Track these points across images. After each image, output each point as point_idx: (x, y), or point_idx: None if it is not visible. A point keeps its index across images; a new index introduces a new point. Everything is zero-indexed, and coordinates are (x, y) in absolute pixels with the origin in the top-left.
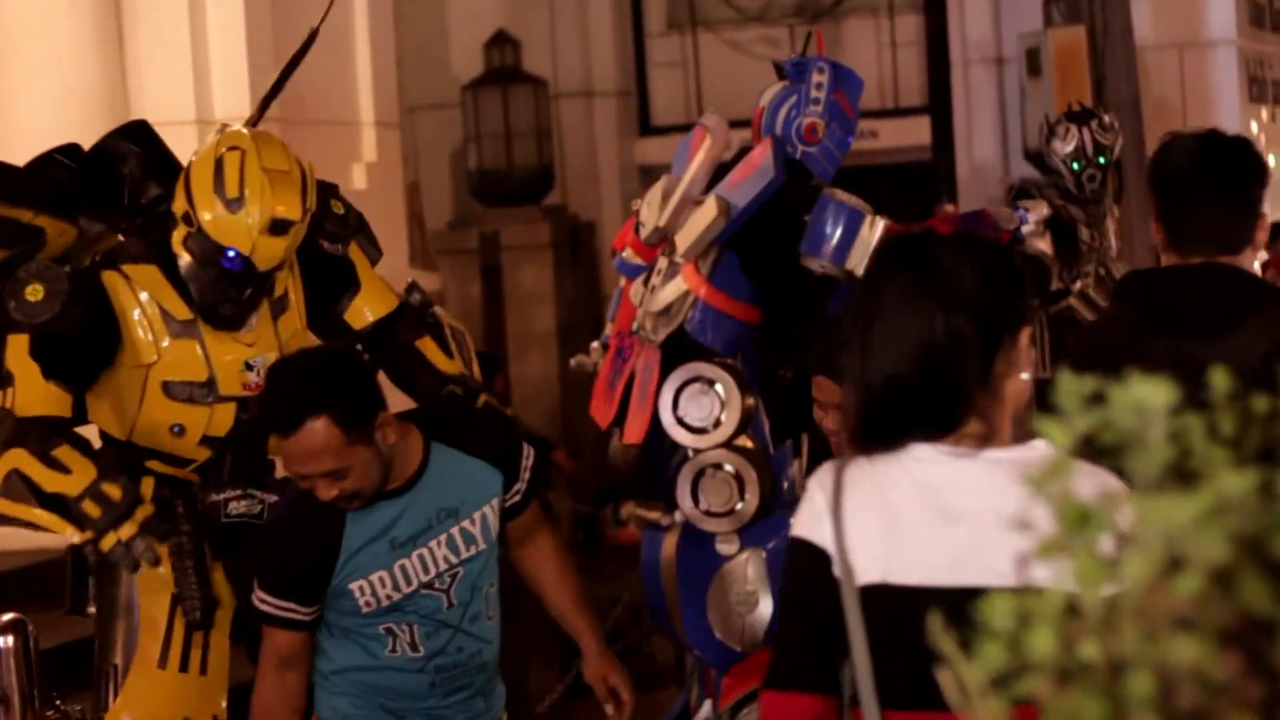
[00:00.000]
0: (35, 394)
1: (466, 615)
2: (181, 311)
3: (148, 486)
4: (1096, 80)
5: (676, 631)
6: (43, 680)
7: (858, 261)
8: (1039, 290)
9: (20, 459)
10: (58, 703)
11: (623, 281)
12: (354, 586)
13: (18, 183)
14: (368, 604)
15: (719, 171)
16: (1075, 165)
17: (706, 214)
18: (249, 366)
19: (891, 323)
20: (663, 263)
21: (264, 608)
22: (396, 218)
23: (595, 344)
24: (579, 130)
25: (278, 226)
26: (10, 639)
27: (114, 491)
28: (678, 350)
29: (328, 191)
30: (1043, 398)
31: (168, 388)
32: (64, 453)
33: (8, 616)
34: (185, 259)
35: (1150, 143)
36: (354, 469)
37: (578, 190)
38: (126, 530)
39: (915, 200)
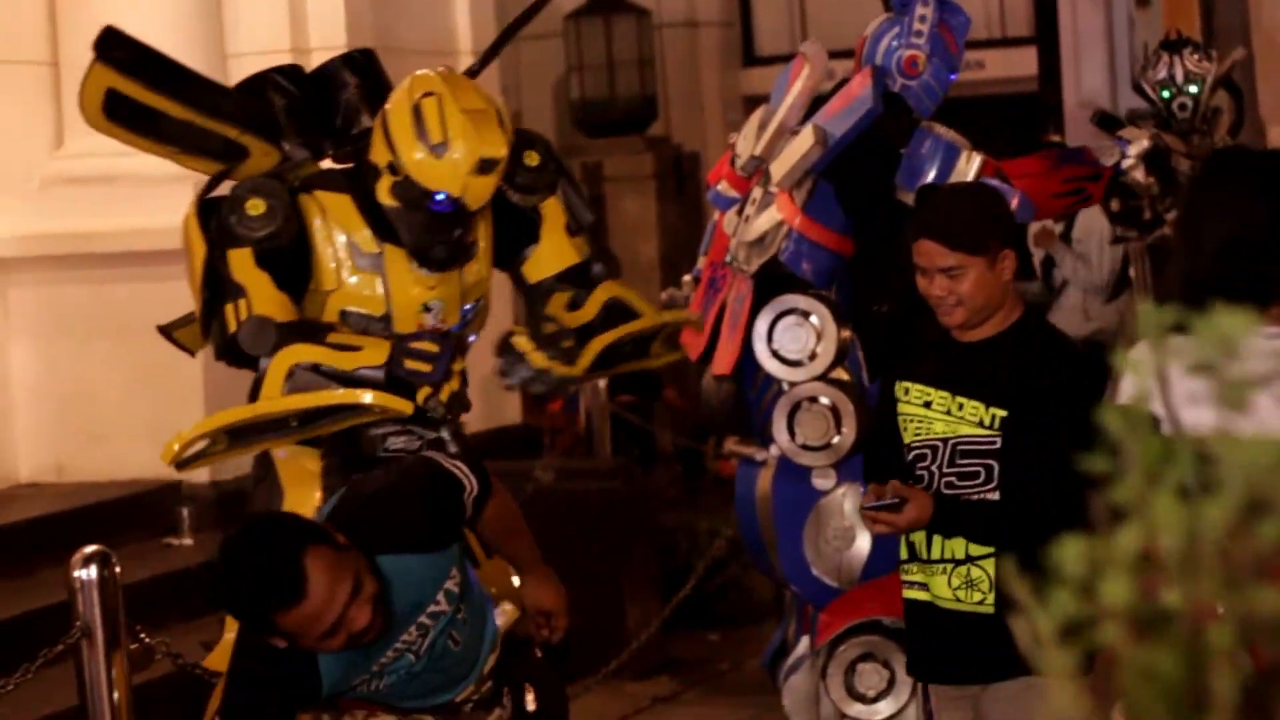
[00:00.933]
0: (273, 301)
1: (433, 653)
2: (369, 244)
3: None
4: (1205, 9)
5: (773, 567)
6: (127, 613)
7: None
8: (1134, 219)
9: (298, 353)
10: (142, 636)
11: (717, 214)
12: (337, 692)
13: (225, 99)
14: (350, 690)
15: (817, 102)
16: (1165, 93)
17: (803, 143)
18: (427, 308)
19: (1220, 214)
20: (757, 192)
21: None
22: None
23: (687, 277)
24: (682, 60)
25: (485, 166)
26: (93, 571)
27: (429, 346)
28: (770, 282)
29: (525, 142)
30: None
31: (345, 316)
32: (338, 337)
33: (90, 549)
34: (393, 205)
35: (1260, 72)
36: (361, 570)
37: (681, 121)
38: (453, 384)
39: (1021, 132)
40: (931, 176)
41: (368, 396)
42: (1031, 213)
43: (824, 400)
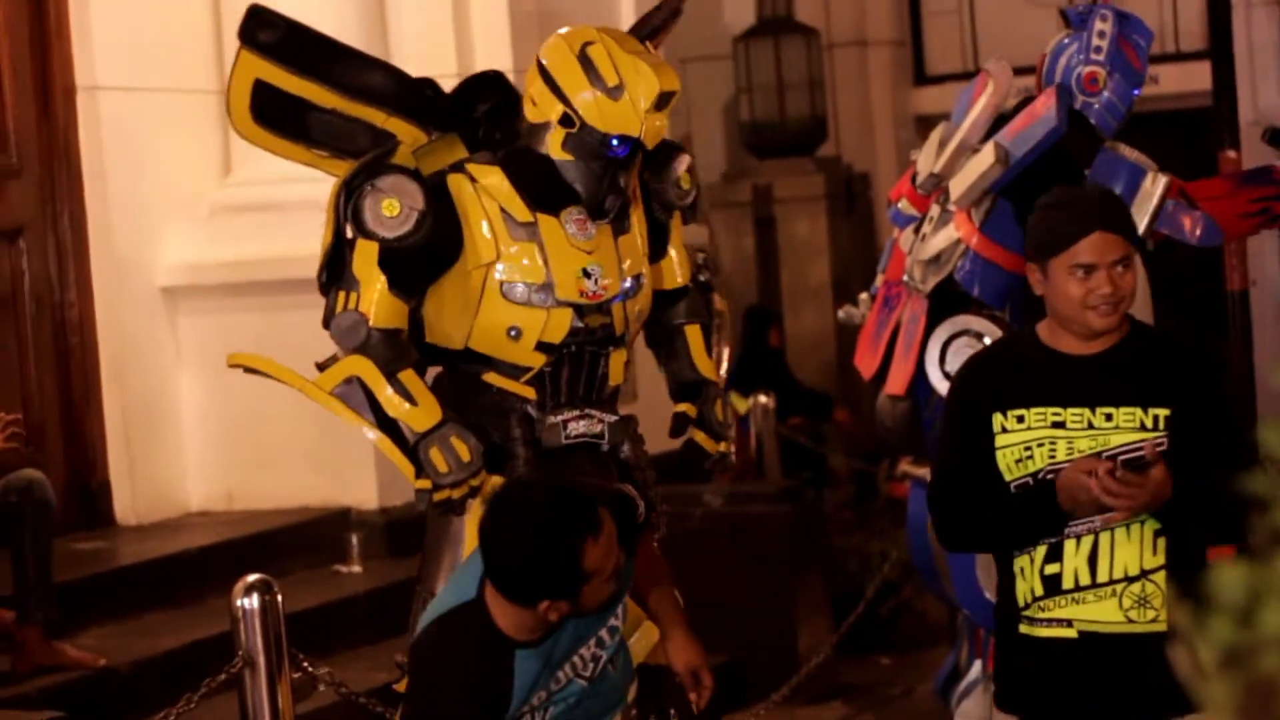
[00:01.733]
0: (381, 302)
1: (597, 679)
2: (523, 213)
3: (479, 457)
4: None
5: (945, 590)
6: (294, 642)
7: (1139, 218)
8: None
9: (364, 367)
10: (305, 665)
11: (895, 232)
12: (520, 713)
13: (376, 75)
14: (523, 714)
15: (999, 121)
16: None
17: (983, 161)
18: (586, 274)
19: None
20: (935, 210)
21: None
22: None
23: (864, 295)
24: (852, 80)
25: (663, 100)
26: (255, 600)
27: (463, 451)
28: (945, 302)
29: (688, 165)
30: None
31: (506, 289)
32: (408, 377)
33: (253, 577)
34: (567, 159)
35: None
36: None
37: (851, 141)
38: (458, 492)
39: (1197, 148)
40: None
41: (372, 434)
42: (1218, 237)
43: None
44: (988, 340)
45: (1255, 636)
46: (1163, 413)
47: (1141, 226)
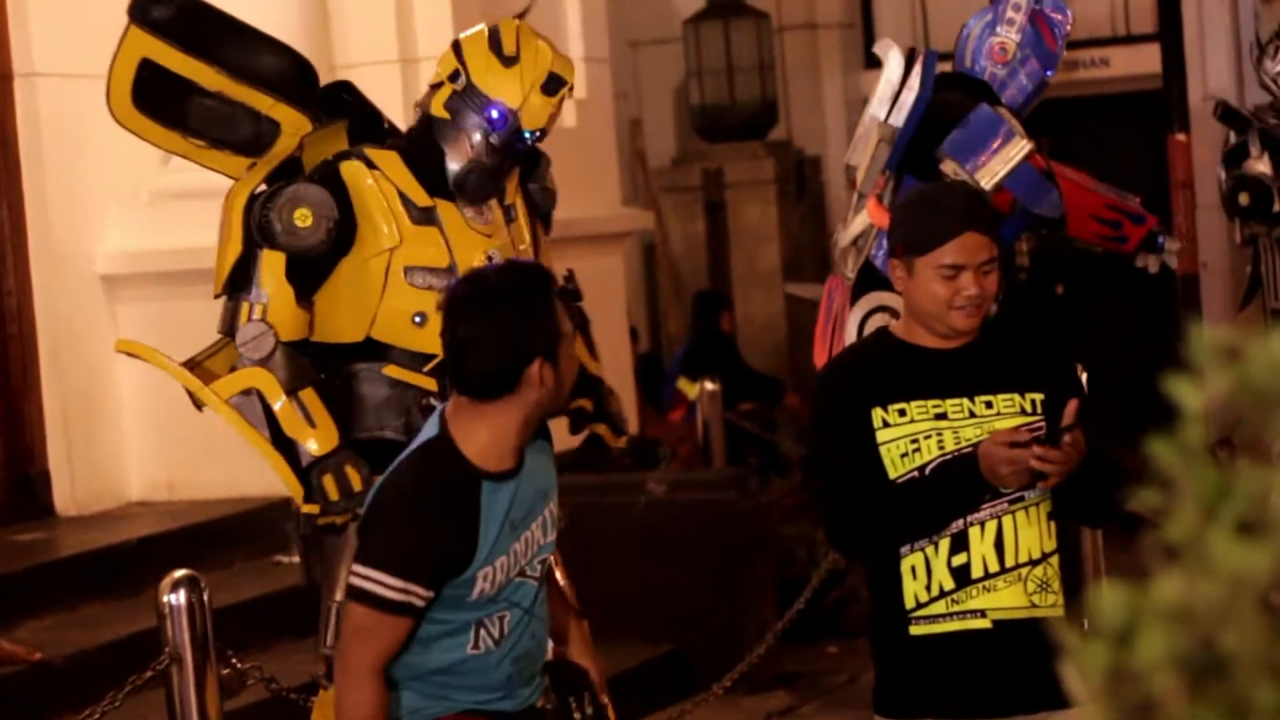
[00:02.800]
0: (288, 316)
1: (537, 599)
2: (421, 198)
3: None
4: None
5: None
6: (217, 638)
7: (990, 175)
8: (1260, 212)
9: (265, 382)
10: (233, 661)
11: None
12: (481, 573)
13: (268, 55)
14: (481, 592)
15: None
16: None
17: (870, 142)
18: (489, 258)
19: None
20: (854, 198)
21: (383, 592)
22: (608, 156)
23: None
24: (803, 64)
25: (552, 83)
26: (182, 596)
27: (355, 480)
28: (873, 285)
29: (547, 164)
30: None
31: (410, 273)
32: (309, 398)
33: (180, 573)
34: (444, 119)
35: None
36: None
37: (802, 125)
38: (343, 519)
39: (1147, 130)
40: (975, 150)
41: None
42: (1059, 210)
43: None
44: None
45: (1135, 660)
46: (1038, 396)
47: (990, 182)
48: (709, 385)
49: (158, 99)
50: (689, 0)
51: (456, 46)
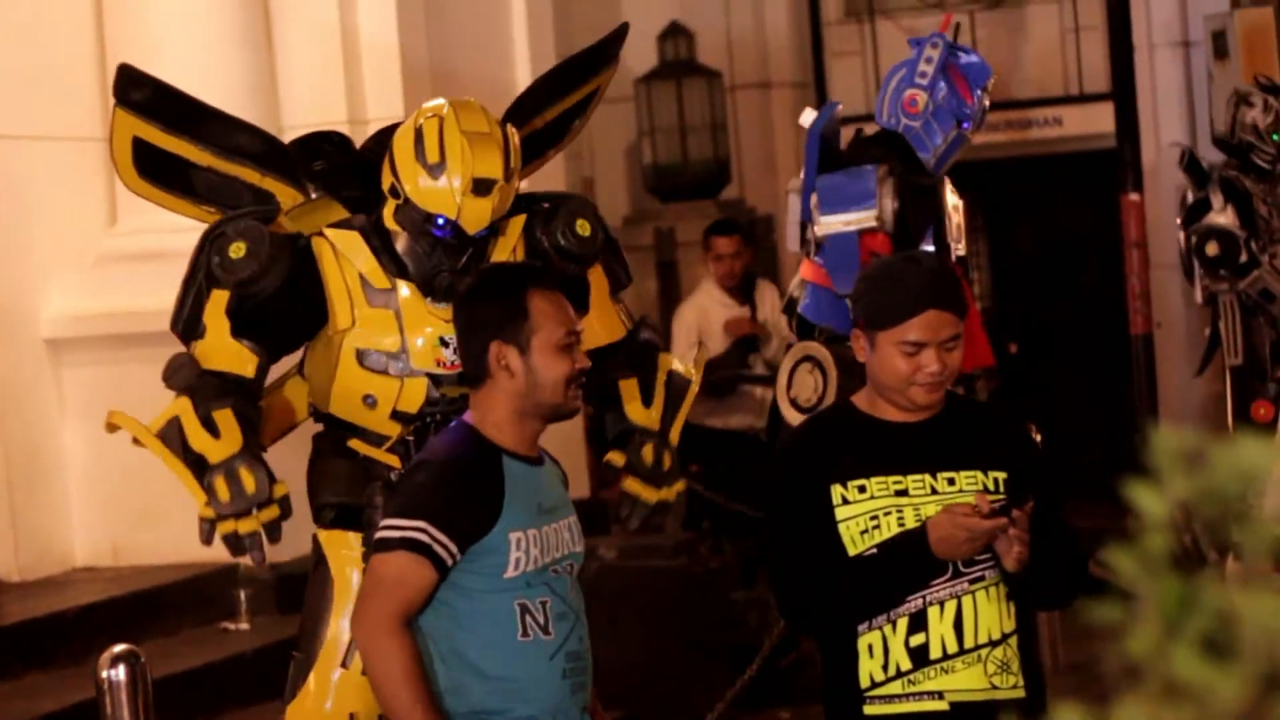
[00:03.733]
0: (219, 348)
1: (581, 608)
2: (380, 280)
3: (282, 489)
4: None
5: None
6: (159, 711)
7: (825, 227)
8: (1229, 263)
9: (184, 409)
10: None
11: None
12: (513, 537)
13: (245, 137)
14: (517, 562)
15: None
16: (1276, 136)
17: (788, 200)
18: (444, 343)
19: None
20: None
21: (407, 533)
22: None
23: None
24: (755, 122)
25: (480, 186)
26: (122, 671)
27: (249, 482)
28: (801, 336)
29: (576, 210)
30: (1238, 385)
31: (361, 356)
32: (223, 416)
33: (120, 648)
34: (399, 233)
35: None
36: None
37: (755, 184)
38: (246, 525)
39: (1100, 189)
40: (838, 207)
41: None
42: (845, 288)
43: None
44: (824, 366)
45: None
46: (1001, 475)
47: (820, 233)
48: None
49: (161, 170)
50: (641, 59)
51: (390, 156)
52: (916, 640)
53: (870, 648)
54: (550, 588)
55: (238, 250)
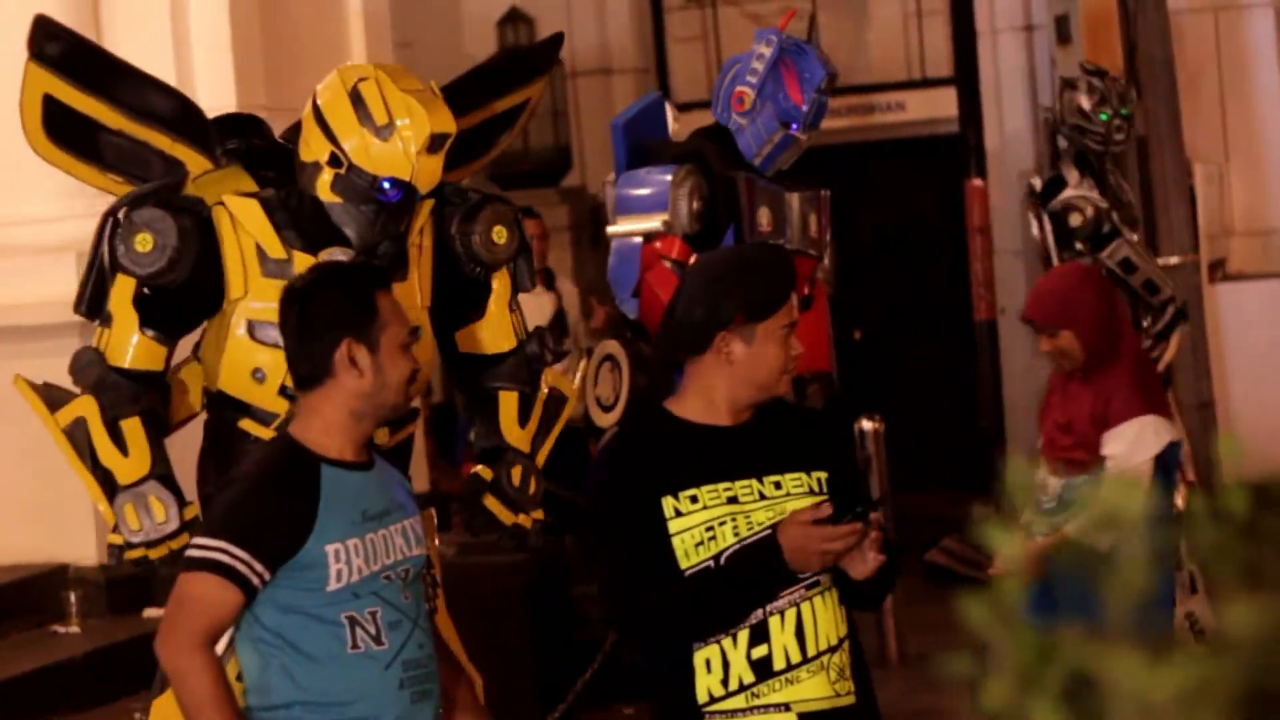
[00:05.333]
0: (127, 342)
1: (420, 613)
2: (276, 249)
3: (191, 511)
4: (1128, 46)
5: None
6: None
7: (614, 228)
8: (1094, 233)
9: (90, 410)
10: None
11: None
12: (330, 549)
13: (160, 98)
14: (339, 575)
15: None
16: (1104, 116)
17: (606, 193)
18: None
19: None
20: None
21: (214, 555)
22: None
23: None
24: (596, 109)
25: (436, 143)
26: None
27: (159, 511)
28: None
29: (497, 217)
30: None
31: (252, 327)
32: (131, 426)
33: None
34: (336, 201)
35: (1185, 109)
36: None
37: (597, 171)
38: (156, 553)
39: (945, 173)
40: (635, 208)
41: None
42: (624, 291)
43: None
44: (620, 364)
45: None
46: (823, 475)
47: (610, 230)
48: None
49: (69, 134)
50: (481, 46)
51: (323, 123)
52: (759, 652)
53: (708, 662)
54: (380, 596)
55: (144, 243)
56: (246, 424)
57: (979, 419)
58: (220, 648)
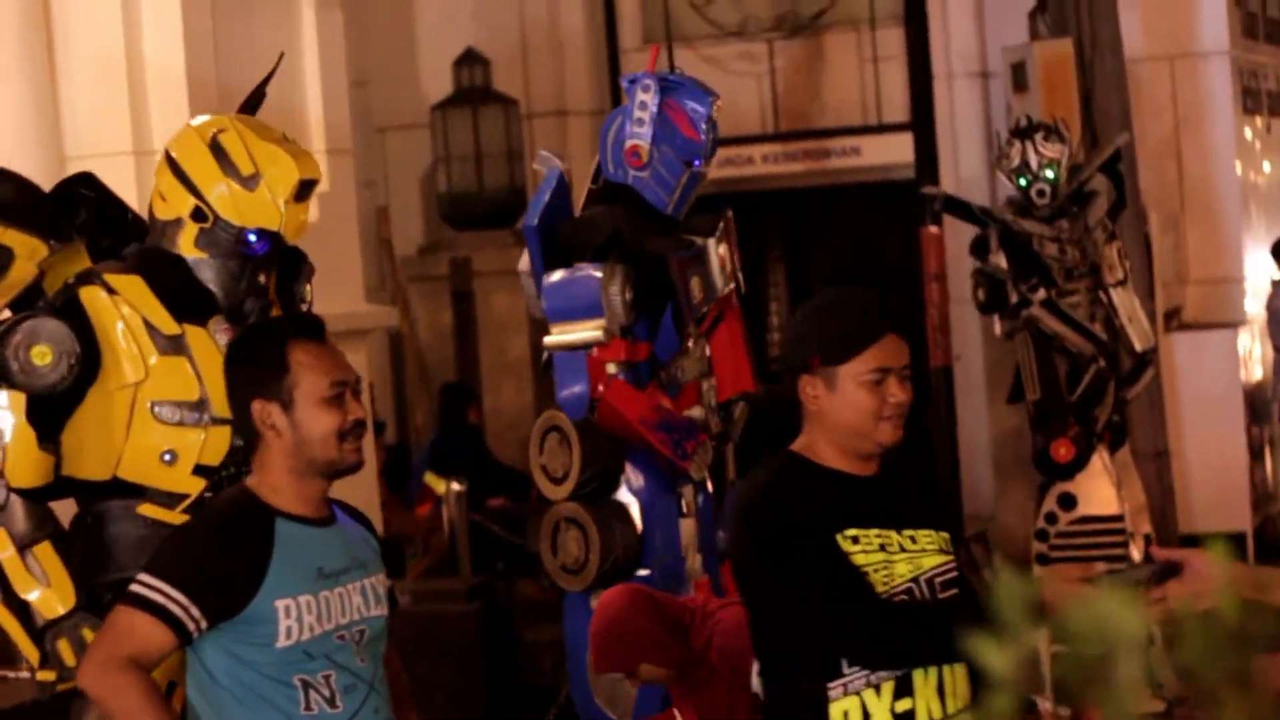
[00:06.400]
0: (26, 459)
1: (375, 676)
2: (168, 325)
3: None
4: (1085, 94)
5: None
6: None
7: (553, 338)
8: (1001, 304)
9: (6, 552)
10: None
11: None
12: (280, 605)
13: None
14: (289, 631)
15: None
16: (1022, 181)
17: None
18: None
19: None
20: None
21: (151, 595)
22: (351, 251)
23: None
24: (552, 151)
25: (304, 189)
26: None
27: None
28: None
29: (306, 270)
30: (1039, 421)
31: (156, 409)
32: (44, 553)
33: None
34: (200, 257)
35: (1141, 157)
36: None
37: None
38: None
39: (900, 220)
40: (568, 318)
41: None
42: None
43: (575, 520)
44: (569, 437)
45: None
46: (948, 536)
47: (548, 341)
48: (455, 486)
49: None
50: (437, 86)
51: (184, 178)
52: (903, 705)
53: (846, 714)
54: (331, 660)
55: (42, 355)
56: (147, 509)
57: (933, 466)
58: None
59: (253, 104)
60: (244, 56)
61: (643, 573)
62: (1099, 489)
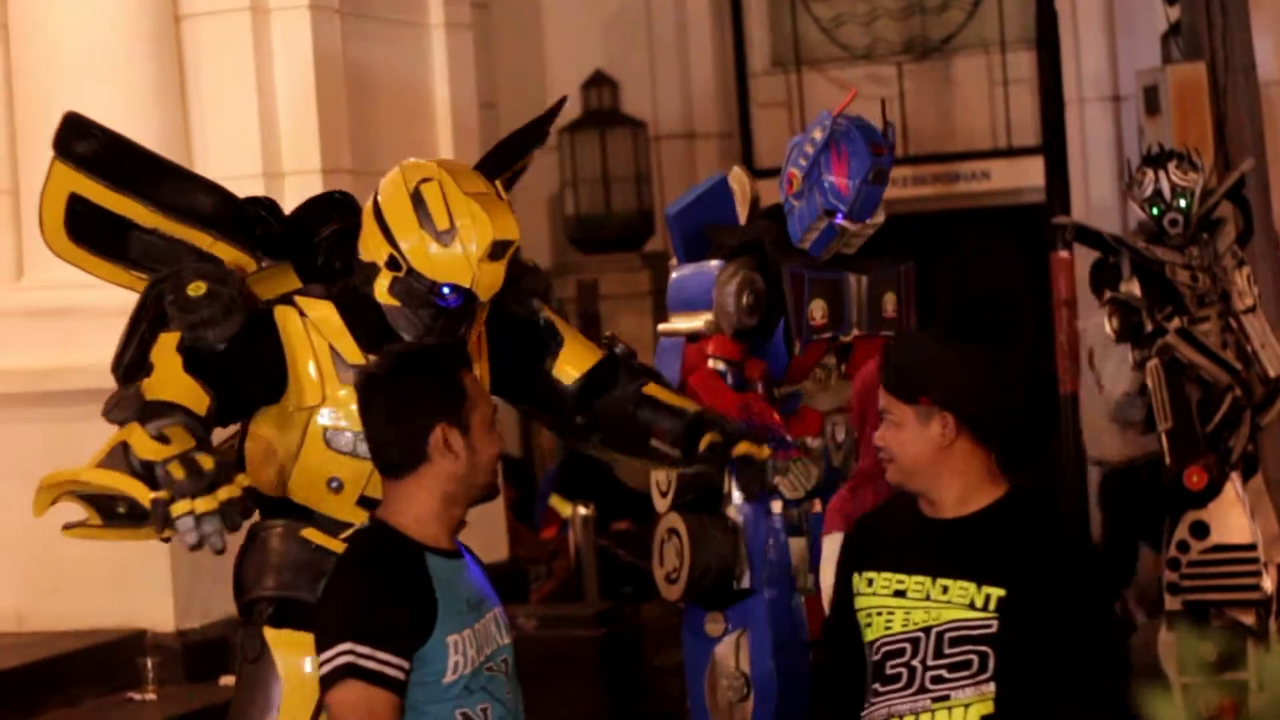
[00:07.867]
0: (171, 380)
1: (519, 705)
2: (353, 354)
3: (246, 479)
4: (1218, 119)
5: None
6: None
7: (669, 325)
8: (1136, 335)
9: (133, 433)
10: None
11: None
12: (450, 641)
13: (200, 194)
14: (456, 666)
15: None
16: (1155, 210)
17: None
18: None
19: None
20: None
21: (370, 665)
22: None
23: None
24: (680, 173)
25: (498, 250)
26: None
27: (206, 461)
28: None
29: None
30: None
31: (330, 435)
32: (174, 430)
33: None
34: (393, 305)
35: (1275, 181)
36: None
37: None
38: (203, 504)
39: (1030, 244)
40: (676, 314)
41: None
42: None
43: (675, 530)
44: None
45: None
46: (997, 592)
47: (662, 328)
48: (582, 510)
49: (94, 232)
50: (565, 109)
51: (383, 224)
52: None
53: None
54: (488, 692)
55: (197, 289)
56: (310, 533)
57: (1061, 493)
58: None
59: (531, 139)
60: (373, 79)
61: (744, 586)
62: (1232, 517)
